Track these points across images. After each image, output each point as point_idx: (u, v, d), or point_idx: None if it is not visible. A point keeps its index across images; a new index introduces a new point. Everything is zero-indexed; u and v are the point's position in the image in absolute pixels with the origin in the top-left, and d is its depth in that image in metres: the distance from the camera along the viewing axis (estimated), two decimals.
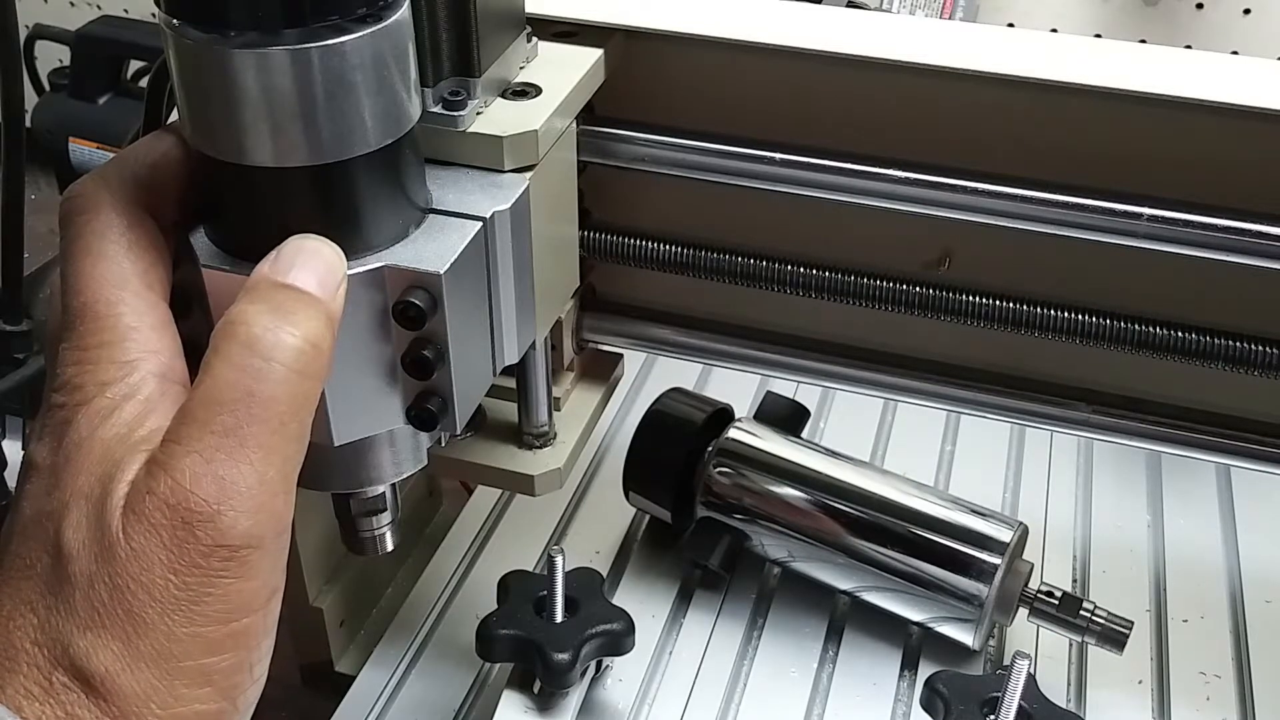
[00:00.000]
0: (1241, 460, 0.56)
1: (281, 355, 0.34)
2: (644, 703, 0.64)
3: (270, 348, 0.34)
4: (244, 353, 0.34)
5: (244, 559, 0.33)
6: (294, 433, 0.35)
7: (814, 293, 0.55)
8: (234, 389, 0.34)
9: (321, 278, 0.36)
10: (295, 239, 0.37)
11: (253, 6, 0.35)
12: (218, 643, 0.34)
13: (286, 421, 0.34)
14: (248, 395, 0.34)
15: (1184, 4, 1.10)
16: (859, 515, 0.66)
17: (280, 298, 0.35)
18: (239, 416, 0.34)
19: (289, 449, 0.35)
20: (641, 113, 0.54)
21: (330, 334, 0.36)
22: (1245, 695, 0.65)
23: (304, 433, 0.35)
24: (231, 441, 0.33)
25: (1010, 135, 0.51)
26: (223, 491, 0.33)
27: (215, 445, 0.33)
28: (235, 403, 0.34)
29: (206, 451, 0.33)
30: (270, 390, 0.34)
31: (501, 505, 0.78)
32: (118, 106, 1.06)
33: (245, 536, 0.33)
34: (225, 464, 0.33)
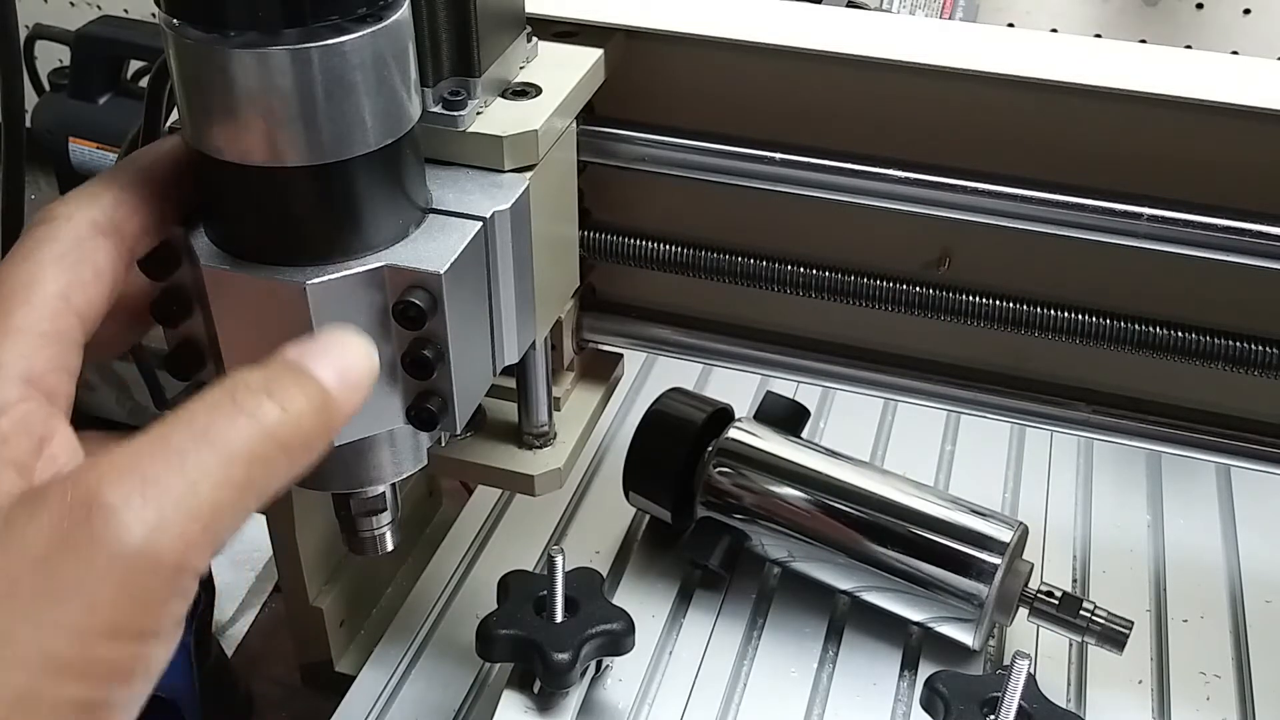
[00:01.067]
0: (1241, 460, 0.56)
1: (259, 412, 0.31)
2: (644, 703, 0.64)
3: (249, 403, 0.31)
4: (220, 395, 0.31)
5: (134, 568, 0.29)
6: (238, 481, 0.30)
7: (814, 293, 0.55)
8: (193, 419, 0.31)
9: (341, 372, 0.34)
10: (335, 329, 0.35)
11: (253, 6, 0.35)
12: (65, 664, 0.28)
13: (236, 468, 0.30)
14: (205, 428, 0.31)
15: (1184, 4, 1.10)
16: (859, 515, 0.66)
17: (284, 373, 0.33)
18: (188, 438, 0.30)
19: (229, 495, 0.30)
20: (641, 113, 0.54)
21: (325, 430, 0.33)
22: (1245, 695, 0.65)
23: (251, 496, 0.31)
24: (169, 452, 0.30)
25: (1010, 135, 0.51)
26: (141, 489, 0.29)
27: (150, 450, 0.30)
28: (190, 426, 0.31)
29: (138, 453, 0.30)
30: (231, 434, 0.31)
31: (501, 505, 0.78)
32: (118, 106, 1.06)
33: (145, 543, 0.29)
34: (153, 465, 0.30)
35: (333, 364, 0.34)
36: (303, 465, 0.33)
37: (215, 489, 0.30)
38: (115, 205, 0.37)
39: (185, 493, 0.30)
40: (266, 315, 0.39)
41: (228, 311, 0.40)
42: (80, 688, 0.28)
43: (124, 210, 0.38)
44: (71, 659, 0.28)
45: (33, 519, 0.29)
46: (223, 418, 0.31)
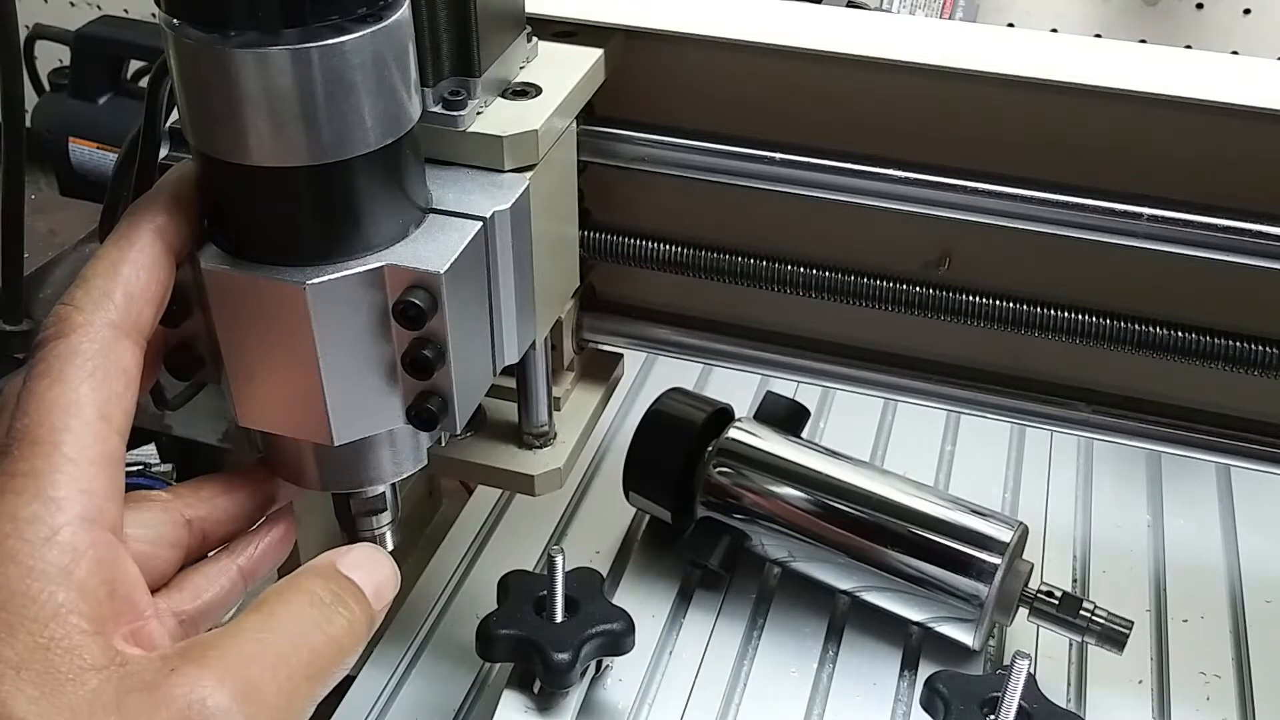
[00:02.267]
0: (1241, 460, 0.56)
1: (331, 626, 0.36)
2: (644, 703, 0.64)
3: (324, 614, 0.36)
4: (301, 601, 0.36)
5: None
6: (314, 688, 0.36)
7: (814, 293, 0.55)
8: (282, 624, 0.35)
9: (377, 589, 0.39)
10: (370, 547, 0.40)
11: (253, 6, 0.35)
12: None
13: (314, 678, 0.36)
14: (294, 636, 0.35)
15: (1184, 4, 1.10)
16: (859, 515, 0.65)
17: (342, 584, 0.38)
18: (283, 644, 0.35)
19: (304, 704, 0.35)
20: (641, 113, 0.54)
21: (364, 639, 0.38)
22: (1245, 695, 0.65)
23: (315, 698, 0.36)
24: (268, 658, 0.34)
25: (1010, 135, 0.51)
26: (246, 697, 0.33)
27: (250, 654, 0.34)
28: (281, 632, 0.35)
29: (240, 655, 0.34)
30: (313, 641, 0.36)
31: (501, 505, 0.78)
32: (118, 106, 1.06)
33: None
34: (255, 671, 0.34)
35: (371, 578, 0.39)
36: (344, 672, 0.38)
37: (301, 696, 0.35)
38: (128, 301, 0.37)
39: (285, 702, 0.34)
40: (266, 315, 0.39)
41: (228, 311, 0.40)
42: None
43: (138, 302, 0.37)
44: None
45: (152, 714, 0.31)
46: (306, 626, 0.36)
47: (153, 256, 0.38)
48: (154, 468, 0.86)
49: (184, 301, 0.41)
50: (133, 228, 0.38)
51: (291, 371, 0.40)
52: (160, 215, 0.38)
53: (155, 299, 0.38)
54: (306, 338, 0.39)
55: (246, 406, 0.42)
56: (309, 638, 0.36)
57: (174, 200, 0.39)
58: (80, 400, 0.35)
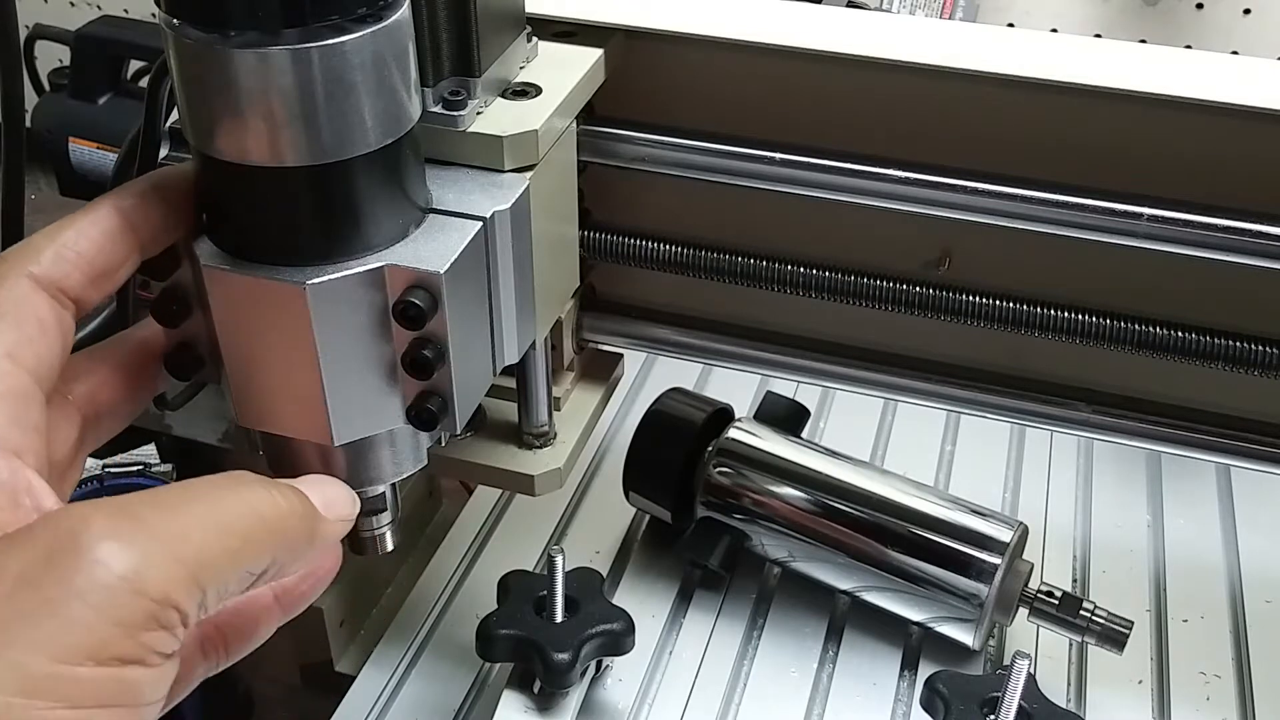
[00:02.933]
0: (1241, 460, 0.56)
1: (253, 496, 0.34)
2: (644, 703, 0.64)
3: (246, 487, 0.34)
4: (222, 477, 0.34)
5: (114, 592, 0.29)
6: (228, 547, 0.32)
7: (814, 293, 0.55)
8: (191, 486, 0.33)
9: (327, 500, 0.37)
10: (317, 475, 0.39)
11: (253, 6, 0.35)
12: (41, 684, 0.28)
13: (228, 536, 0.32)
14: (201, 494, 0.33)
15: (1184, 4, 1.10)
16: (859, 515, 0.65)
17: (281, 483, 0.36)
18: (184, 498, 0.32)
19: (217, 556, 0.32)
20: (641, 113, 0.54)
21: (308, 537, 0.36)
22: (1245, 695, 0.65)
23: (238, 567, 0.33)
24: (162, 504, 0.32)
25: (1010, 135, 0.51)
26: (131, 525, 0.30)
27: (143, 499, 0.32)
28: (187, 489, 0.33)
29: (130, 499, 0.31)
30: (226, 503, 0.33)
31: (501, 505, 0.78)
32: (118, 106, 1.06)
33: (127, 570, 0.29)
34: (144, 510, 0.31)
35: (320, 492, 0.37)
36: (289, 559, 0.35)
37: (203, 544, 0.32)
38: (55, 260, 0.37)
39: (173, 537, 0.31)
40: (266, 315, 0.39)
41: (228, 311, 0.40)
42: (57, 711, 0.28)
43: (67, 264, 0.37)
44: (48, 679, 0.28)
45: (17, 546, 0.30)
46: (221, 490, 0.33)
47: (104, 229, 0.38)
48: (154, 468, 0.86)
49: (184, 301, 0.41)
50: (97, 202, 0.39)
51: (291, 371, 0.40)
52: (130, 197, 0.39)
53: (93, 268, 0.38)
54: (306, 338, 0.39)
55: (246, 406, 0.42)
56: (220, 495, 0.33)
57: (152, 188, 0.39)
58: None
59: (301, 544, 0.36)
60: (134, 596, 0.29)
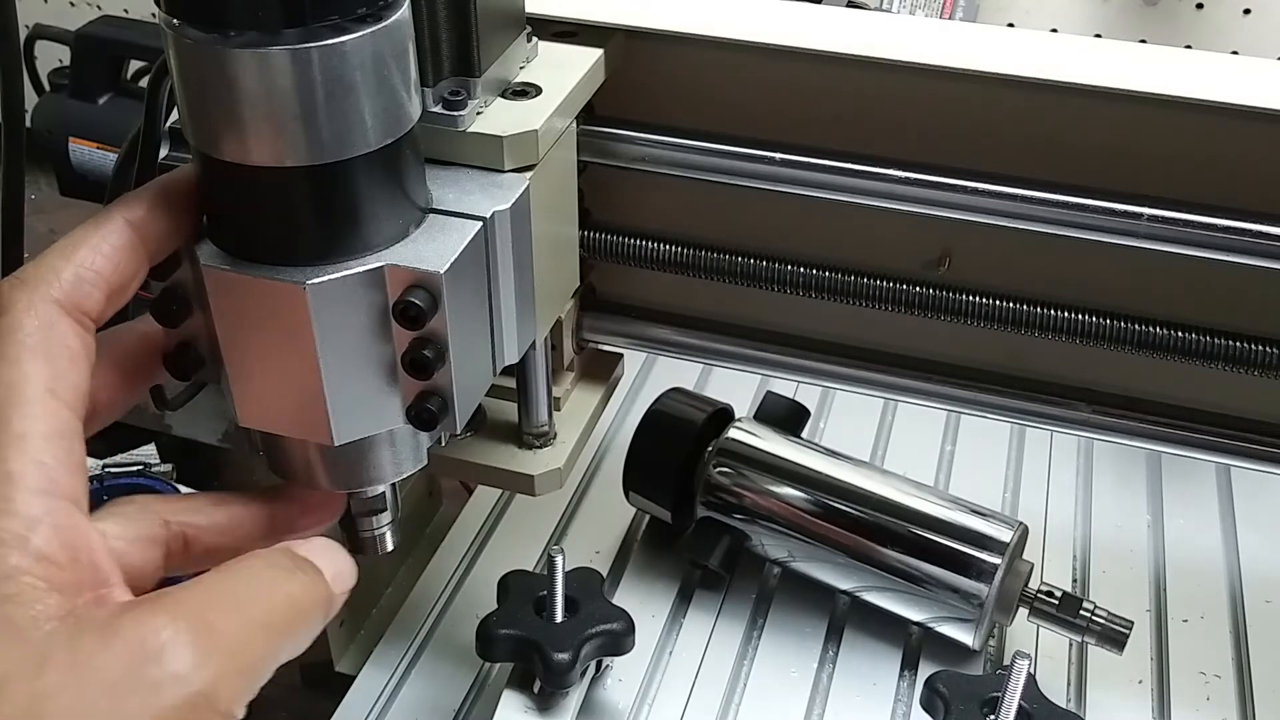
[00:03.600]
0: (1241, 460, 0.56)
1: (291, 583, 0.36)
2: (644, 703, 0.64)
3: (284, 574, 0.36)
4: (260, 564, 0.36)
5: (194, 708, 0.31)
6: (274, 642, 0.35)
7: (814, 293, 0.55)
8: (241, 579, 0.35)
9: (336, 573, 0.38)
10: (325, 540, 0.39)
11: (253, 6, 0.35)
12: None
13: (274, 630, 0.35)
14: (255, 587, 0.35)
15: (1184, 4, 1.10)
16: (859, 515, 0.65)
17: (299, 559, 0.37)
18: (244, 593, 0.35)
19: (267, 652, 0.35)
20: (641, 113, 0.54)
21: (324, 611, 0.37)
22: (1245, 695, 0.65)
23: (278, 656, 0.35)
24: (228, 603, 0.34)
25: (1010, 135, 0.51)
26: (208, 638, 0.32)
27: (210, 599, 0.34)
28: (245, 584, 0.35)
29: (201, 599, 0.33)
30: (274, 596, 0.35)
31: (501, 505, 0.78)
32: (118, 106, 1.06)
33: (206, 687, 0.32)
34: (216, 615, 0.33)
35: (331, 565, 0.38)
36: (304, 640, 0.37)
37: (260, 650, 0.34)
38: (76, 282, 0.37)
39: (241, 647, 0.33)
40: (266, 315, 0.39)
41: (228, 311, 0.40)
42: None
43: (86, 284, 0.37)
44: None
45: (107, 649, 0.31)
46: (263, 584, 0.36)
47: (116, 245, 0.38)
48: (154, 468, 0.86)
49: (184, 301, 0.41)
50: (106, 215, 0.38)
51: (291, 371, 0.40)
52: (139, 209, 0.38)
53: (110, 285, 0.37)
54: (306, 338, 0.39)
55: (246, 406, 0.42)
56: (266, 591, 0.35)
57: (159, 196, 0.39)
58: (25, 376, 0.35)
59: (319, 626, 0.38)
60: (209, 713, 0.32)
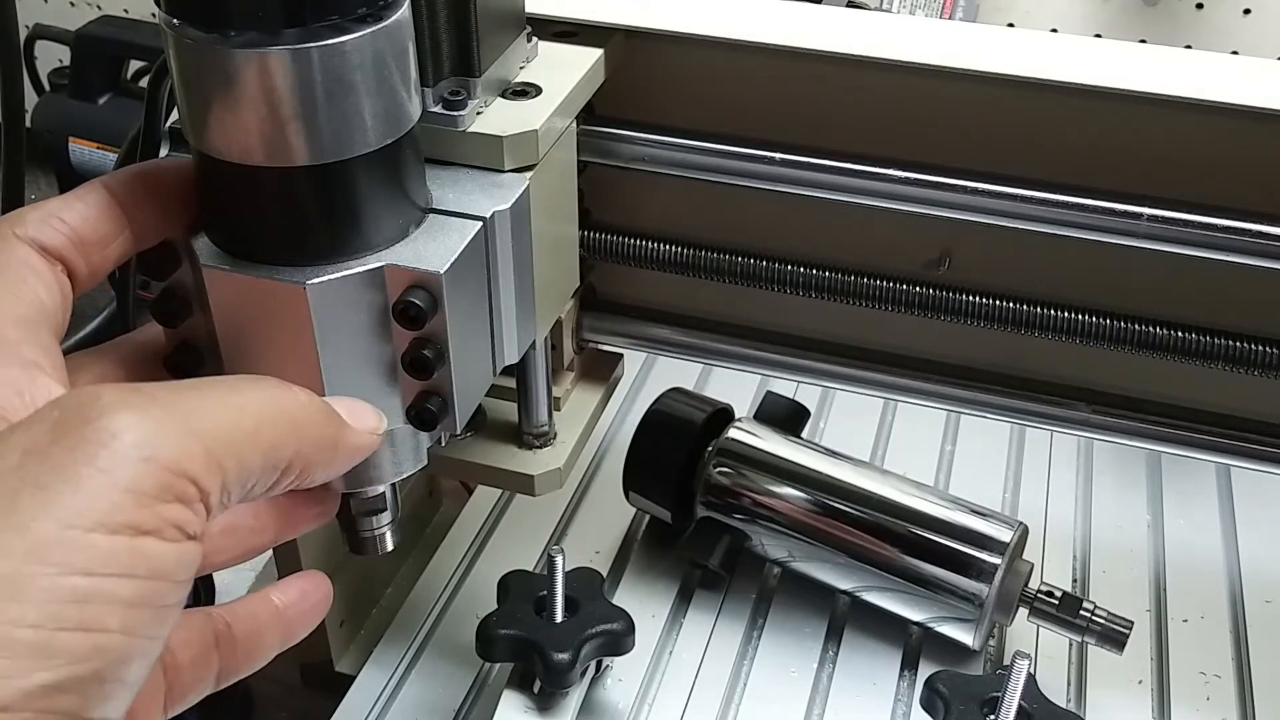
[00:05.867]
0: (1241, 460, 0.56)
1: (277, 391, 0.34)
2: (644, 703, 0.64)
3: (271, 383, 0.34)
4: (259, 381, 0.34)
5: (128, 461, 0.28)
6: (247, 429, 0.32)
7: (814, 293, 0.55)
8: (213, 379, 0.33)
9: (352, 410, 0.37)
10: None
11: (253, 6, 0.35)
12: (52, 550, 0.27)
13: (247, 418, 0.32)
14: (224, 383, 0.33)
15: (1184, 4, 1.10)
16: (859, 515, 0.65)
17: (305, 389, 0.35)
18: (204, 384, 0.32)
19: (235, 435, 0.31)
20: (641, 113, 0.54)
21: (332, 444, 0.36)
22: (1245, 695, 0.65)
23: (257, 454, 0.32)
24: (182, 387, 0.31)
25: (1010, 135, 0.51)
26: (146, 401, 0.29)
27: (163, 384, 0.31)
28: (210, 380, 0.33)
29: (150, 384, 0.31)
30: (248, 393, 0.33)
31: (501, 505, 0.78)
32: (118, 106, 1.06)
33: (141, 440, 0.29)
34: (162, 391, 0.30)
35: (345, 404, 0.37)
36: (315, 459, 0.34)
37: (220, 421, 0.31)
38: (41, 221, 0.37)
39: (188, 411, 0.30)
40: (266, 315, 0.39)
41: (228, 311, 0.40)
42: (72, 578, 0.27)
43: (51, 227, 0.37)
44: (58, 545, 0.27)
45: (23, 424, 0.29)
46: (239, 381, 0.33)
47: (90, 202, 0.38)
48: None
49: (184, 301, 0.41)
50: (89, 182, 0.39)
51: (291, 371, 0.40)
52: (120, 178, 0.39)
53: (78, 237, 0.38)
54: (307, 338, 0.39)
55: None
56: (245, 390, 0.33)
57: (144, 173, 0.40)
58: None
59: (326, 444, 0.35)
60: (147, 464, 0.29)
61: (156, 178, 0.40)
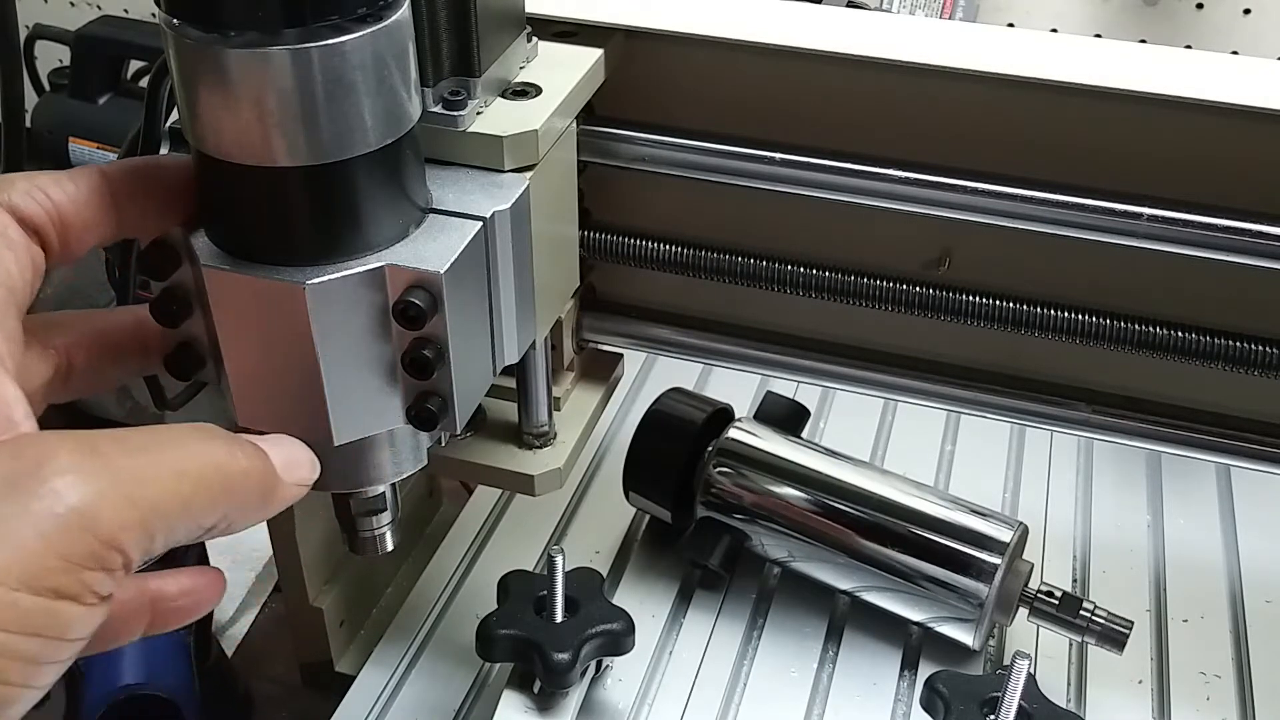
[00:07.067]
0: (1241, 460, 0.56)
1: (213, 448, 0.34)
2: (644, 703, 0.64)
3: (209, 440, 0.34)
4: (186, 427, 0.34)
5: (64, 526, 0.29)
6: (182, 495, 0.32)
7: (814, 293, 0.55)
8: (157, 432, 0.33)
9: (287, 461, 0.37)
10: (282, 435, 0.39)
11: (252, 6, 0.35)
12: None
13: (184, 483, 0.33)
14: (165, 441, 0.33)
15: (1184, 4, 1.10)
16: (859, 515, 0.65)
17: (244, 439, 0.36)
18: (149, 441, 0.32)
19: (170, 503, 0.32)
20: (641, 113, 0.54)
21: (264, 496, 0.36)
22: (1245, 695, 0.65)
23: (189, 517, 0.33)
24: (128, 445, 0.32)
25: (1010, 135, 0.51)
26: (93, 462, 0.30)
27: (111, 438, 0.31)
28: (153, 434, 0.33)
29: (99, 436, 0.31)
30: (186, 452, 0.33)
31: (501, 505, 0.78)
32: (118, 106, 1.06)
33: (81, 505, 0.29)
34: (110, 450, 0.31)
35: (283, 453, 0.37)
36: (239, 518, 0.35)
37: (160, 490, 0.32)
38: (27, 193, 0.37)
39: (132, 479, 0.31)
40: (266, 315, 0.39)
41: (228, 311, 0.40)
42: None
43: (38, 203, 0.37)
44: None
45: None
46: (185, 439, 0.33)
47: (81, 184, 0.38)
48: None
49: (184, 301, 0.41)
50: (85, 167, 0.39)
51: (291, 371, 0.40)
52: (116, 167, 0.39)
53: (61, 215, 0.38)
54: (306, 338, 0.39)
55: (246, 406, 0.42)
56: (184, 444, 0.33)
57: (140, 165, 0.40)
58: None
59: (255, 503, 0.36)
60: (83, 533, 0.29)
61: (154, 173, 0.40)
